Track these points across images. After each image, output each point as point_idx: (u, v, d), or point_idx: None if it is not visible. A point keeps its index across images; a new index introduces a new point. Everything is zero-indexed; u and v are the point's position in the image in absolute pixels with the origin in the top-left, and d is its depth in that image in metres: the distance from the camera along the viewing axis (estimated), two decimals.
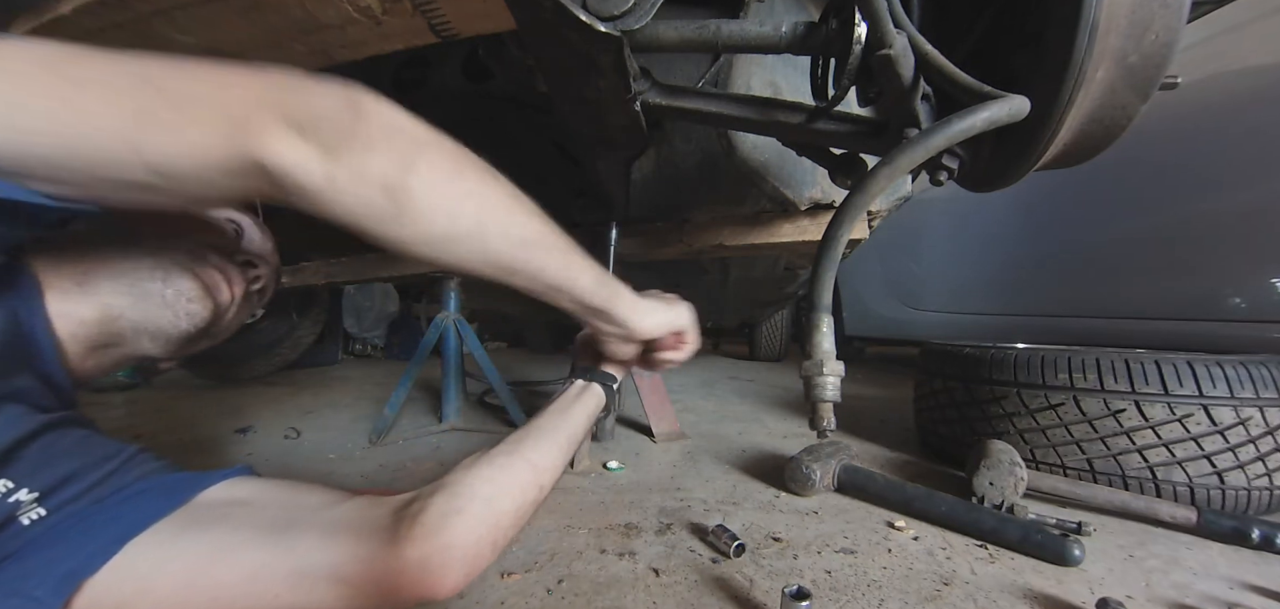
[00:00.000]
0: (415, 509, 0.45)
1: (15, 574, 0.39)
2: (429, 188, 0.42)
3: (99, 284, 0.51)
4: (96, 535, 0.42)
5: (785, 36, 0.62)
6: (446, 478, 0.48)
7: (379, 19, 0.72)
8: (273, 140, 0.37)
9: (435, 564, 0.43)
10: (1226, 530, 0.95)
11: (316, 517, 0.46)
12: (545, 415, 0.60)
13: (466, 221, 0.44)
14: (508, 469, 0.50)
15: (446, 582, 0.43)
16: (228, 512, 0.47)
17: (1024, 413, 1.20)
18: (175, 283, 0.55)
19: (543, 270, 0.49)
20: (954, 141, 0.55)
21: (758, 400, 2.35)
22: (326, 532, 0.45)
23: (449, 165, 0.43)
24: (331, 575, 0.43)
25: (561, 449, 0.57)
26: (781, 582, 0.79)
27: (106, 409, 2.16)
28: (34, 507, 0.41)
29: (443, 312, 1.85)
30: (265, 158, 0.37)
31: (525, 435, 0.56)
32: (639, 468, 1.39)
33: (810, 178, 1.08)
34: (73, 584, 0.40)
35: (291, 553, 0.44)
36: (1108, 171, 1.37)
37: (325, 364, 3.38)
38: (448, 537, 0.43)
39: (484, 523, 0.46)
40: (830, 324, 0.62)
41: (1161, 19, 0.52)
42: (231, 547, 0.44)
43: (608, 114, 0.74)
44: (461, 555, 0.44)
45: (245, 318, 0.67)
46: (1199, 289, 1.70)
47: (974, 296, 2.57)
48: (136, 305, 0.53)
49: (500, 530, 0.47)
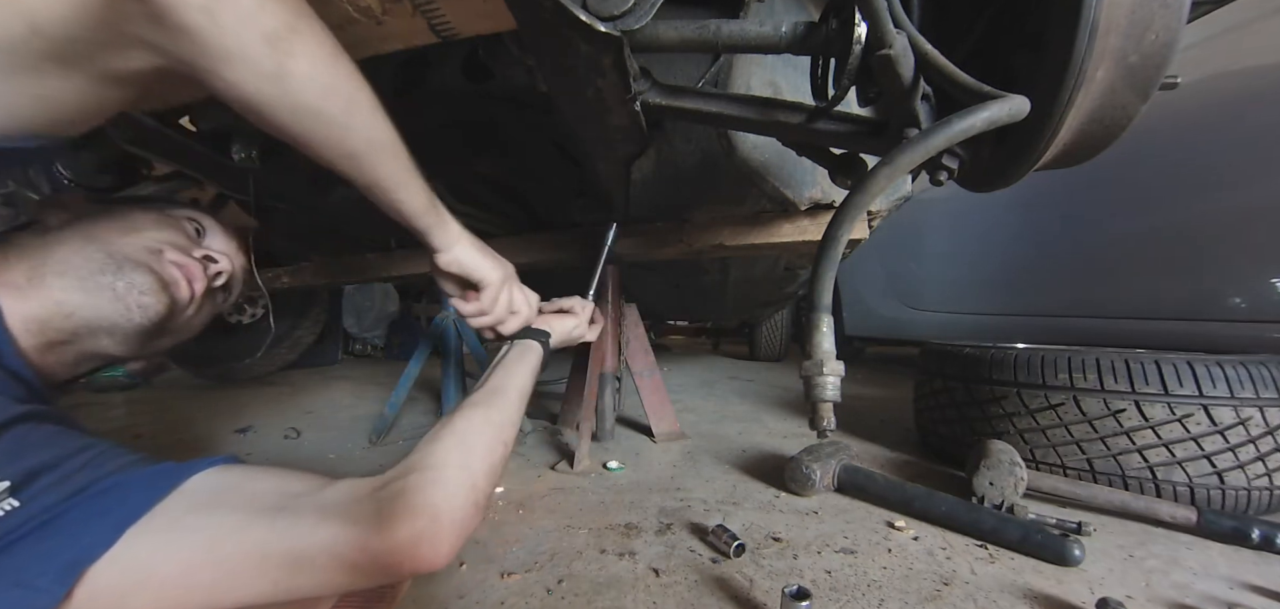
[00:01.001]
0: (395, 488, 0.46)
1: (13, 565, 0.39)
2: (311, 57, 0.43)
3: (48, 279, 0.51)
4: (93, 525, 0.42)
5: (785, 36, 0.62)
6: (414, 454, 0.50)
7: (379, 19, 0.72)
8: None
9: (427, 537, 0.44)
10: (1226, 530, 0.95)
11: (308, 500, 0.47)
12: (491, 378, 0.64)
13: (337, 103, 0.45)
14: (472, 432, 0.53)
15: (440, 551, 0.44)
16: (221, 497, 0.47)
17: (1024, 413, 1.20)
18: (127, 276, 0.55)
19: (385, 176, 0.52)
20: (954, 141, 0.55)
21: (758, 400, 2.35)
22: (320, 514, 0.45)
23: (332, 45, 0.45)
24: (329, 557, 0.44)
25: (513, 404, 0.61)
26: (781, 582, 0.79)
27: (107, 409, 2.16)
28: (6, 498, 0.40)
29: (443, 311, 1.85)
30: None
31: (478, 400, 0.58)
32: (639, 468, 1.39)
33: (810, 178, 1.07)
34: (75, 573, 0.40)
35: (289, 535, 0.44)
36: (1108, 171, 1.37)
37: (325, 364, 3.38)
38: (434, 509, 0.45)
39: (464, 486, 0.48)
40: (830, 324, 0.62)
41: (1161, 19, 0.52)
42: (231, 529, 0.44)
43: (608, 114, 0.74)
44: (449, 523, 0.45)
45: (210, 315, 0.67)
46: (1199, 289, 1.70)
47: (974, 297, 2.57)
48: (88, 300, 0.53)
49: (479, 490, 0.49)
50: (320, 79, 0.44)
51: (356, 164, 0.50)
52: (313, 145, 0.47)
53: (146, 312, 0.56)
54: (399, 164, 0.54)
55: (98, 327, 0.54)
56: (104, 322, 0.54)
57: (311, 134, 0.46)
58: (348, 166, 0.50)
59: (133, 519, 0.43)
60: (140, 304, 0.55)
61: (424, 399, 2.21)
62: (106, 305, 0.54)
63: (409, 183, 0.55)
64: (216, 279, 0.65)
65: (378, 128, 0.50)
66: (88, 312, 0.53)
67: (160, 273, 0.58)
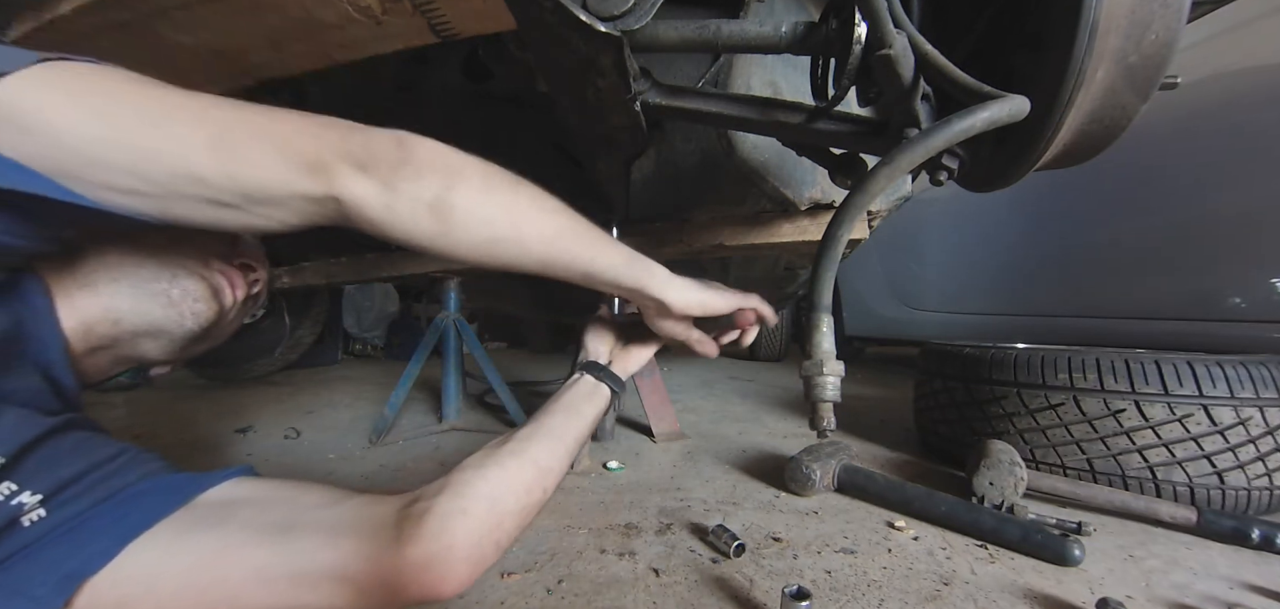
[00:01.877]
0: (419, 509, 0.45)
1: (18, 575, 0.40)
2: (466, 203, 0.48)
3: (101, 286, 0.51)
4: (98, 537, 0.43)
5: (785, 36, 0.62)
6: (450, 476, 0.49)
7: (379, 19, 0.72)
8: (341, 178, 0.44)
9: (439, 564, 0.44)
10: (1226, 530, 0.95)
11: (318, 516, 0.47)
12: (553, 414, 0.60)
13: (501, 227, 0.50)
14: (513, 469, 0.51)
15: (449, 582, 0.44)
16: (230, 512, 0.47)
17: (1024, 413, 1.20)
18: (181, 283, 0.56)
19: (575, 258, 0.54)
20: (954, 141, 0.55)
21: (758, 400, 2.35)
22: (329, 531, 0.45)
23: (481, 182, 0.50)
24: (335, 575, 0.44)
25: (568, 450, 0.58)
26: (781, 582, 0.79)
27: (107, 409, 2.15)
28: (36, 509, 0.42)
29: (443, 311, 1.85)
30: (338, 192, 0.44)
31: (532, 434, 0.56)
32: (639, 468, 1.39)
33: (810, 178, 1.07)
34: (73, 585, 0.41)
35: (295, 553, 0.44)
36: (1108, 172, 1.37)
37: (325, 364, 3.37)
38: (451, 537, 0.44)
39: (487, 524, 0.47)
40: (830, 324, 0.62)
41: (1161, 19, 0.52)
42: (234, 546, 0.45)
43: (608, 114, 0.74)
44: (464, 556, 0.45)
45: (241, 321, 0.68)
46: (1199, 289, 1.70)
47: (974, 297, 2.57)
48: (139, 305, 0.53)
49: (503, 531, 0.48)
50: (479, 216, 0.49)
51: (548, 267, 0.53)
52: (499, 266, 0.51)
53: (199, 317, 0.58)
54: (582, 242, 0.54)
55: (144, 331, 0.54)
56: (153, 326, 0.55)
57: (493, 259, 0.51)
58: (541, 272, 0.53)
59: (137, 532, 0.44)
60: (194, 310, 0.57)
61: (424, 399, 2.21)
62: (158, 311, 0.55)
63: (599, 251, 0.55)
64: (254, 285, 0.67)
65: (548, 225, 0.52)
66: (136, 318, 0.53)
67: (210, 280, 0.59)
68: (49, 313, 0.48)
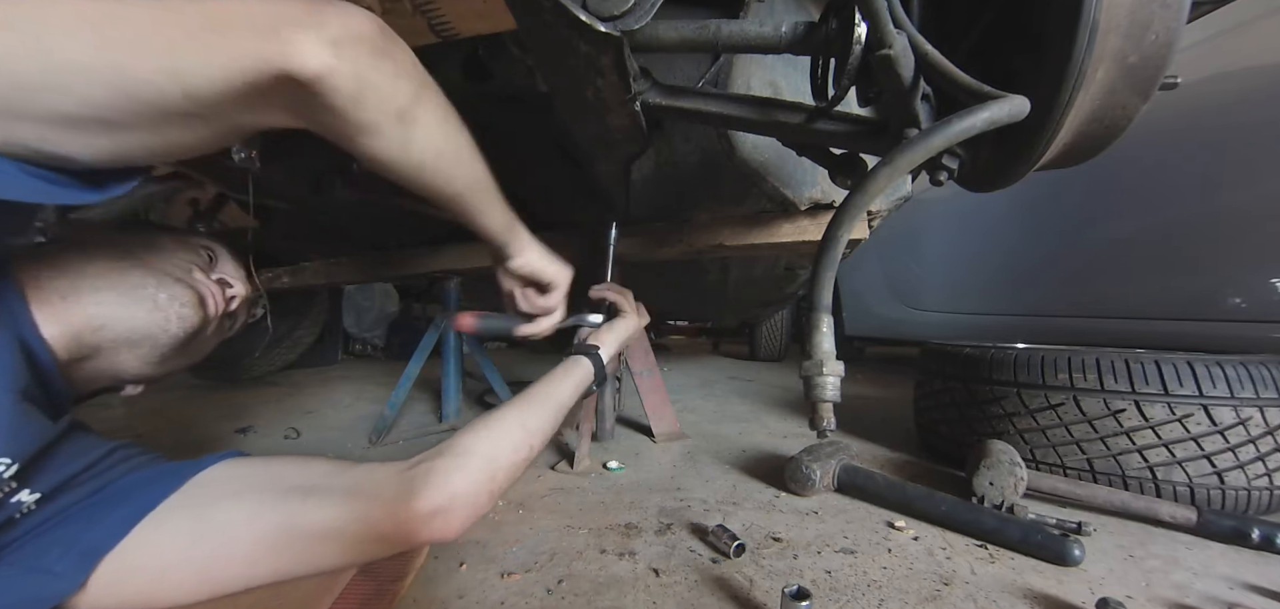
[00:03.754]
0: (424, 468, 0.52)
1: (28, 553, 0.42)
2: (429, 124, 0.49)
3: (83, 294, 0.51)
4: (108, 515, 0.45)
5: (785, 36, 0.62)
6: (448, 440, 0.56)
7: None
8: (304, 48, 0.39)
9: (444, 512, 0.50)
10: (1226, 530, 0.95)
11: (331, 481, 0.52)
12: (538, 385, 0.68)
13: (447, 157, 0.53)
14: (503, 430, 0.59)
15: (453, 524, 0.51)
16: (235, 486, 0.51)
17: (1024, 413, 1.20)
18: (168, 289, 0.57)
19: (477, 206, 0.60)
20: (954, 141, 0.55)
21: (758, 400, 2.35)
22: (344, 495, 0.50)
23: (444, 107, 0.52)
24: (354, 531, 0.49)
25: (551, 414, 0.66)
26: (781, 582, 0.79)
27: (107, 409, 2.15)
28: (32, 508, 0.44)
29: (443, 311, 1.85)
30: (295, 66, 0.39)
31: (518, 401, 0.64)
32: (639, 468, 1.39)
33: (810, 178, 1.07)
34: (93, 560, 0.43)
35: (315, 514, 0.49)
36: (1108, 171, 1.37)
37: (325, 364, 3.37)
38: (453, 487, 0.51)
39: (483, 474, 0.54)
40: (830, 324, 0.62)
41: (1161, 19, 0.52)
42: (251, 514, 0.48)
43: (608, 114, 0.74)
44: (464, 501, 0.52)
45: (217, 341, 0.69)
46: (1199, 289, 1.70)
47: (974, 296, 2.57)
48: (123, 312, 0.53)
49: (496, 481, 0.55)
50: (435, 140, 0.51)
51: (456, 201, 0.57)
52: (423, 189, 0.53)
53: (185, 323, 0.58)
54: (489, 195, 0.60)
55: (124, 340, 0.54)
56: (135, 334, 0.54)
57: (425, 183, 0.52)
58: (447, 202, 0.56)
59: (147, 510, 0.47)
60: (180, 316, 0.58)
61: (424, 399, 2.21)
62: (143, 317, 0.55)
63: (494, 207, 0.62)
64: (231, 303, 0.67)
65: (476, 170, 0.57)
66: (120, 325, 0.53)
67: (195, 287, 0.60)
68: (28, 319, 0.48)
